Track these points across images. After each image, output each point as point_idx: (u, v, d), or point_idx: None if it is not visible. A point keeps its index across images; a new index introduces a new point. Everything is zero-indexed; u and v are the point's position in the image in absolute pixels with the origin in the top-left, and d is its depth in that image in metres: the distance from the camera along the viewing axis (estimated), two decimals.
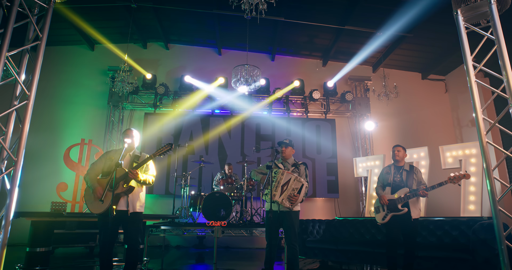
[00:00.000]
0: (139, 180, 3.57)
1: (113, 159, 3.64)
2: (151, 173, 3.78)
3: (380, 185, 4.47)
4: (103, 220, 3.45)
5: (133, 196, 3.62)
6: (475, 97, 3.49)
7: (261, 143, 9.03)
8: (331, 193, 8.99)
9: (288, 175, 4.01)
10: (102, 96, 9.25)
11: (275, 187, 3.95)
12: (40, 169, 8.44)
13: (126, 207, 3.55)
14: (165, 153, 3.66)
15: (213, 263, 5.68)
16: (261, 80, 8.03)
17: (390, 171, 4.40)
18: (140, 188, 3.72)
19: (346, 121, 9.83)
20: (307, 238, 5.81)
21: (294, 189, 3.96)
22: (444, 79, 10.15)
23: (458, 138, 9.51)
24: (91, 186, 3.54)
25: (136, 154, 3.81)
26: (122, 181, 3.48)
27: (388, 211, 4.18)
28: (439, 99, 10.02)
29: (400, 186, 4.24)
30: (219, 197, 6.30)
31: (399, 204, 4.11)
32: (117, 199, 3.49)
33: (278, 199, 3.93)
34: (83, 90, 9.31)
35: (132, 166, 3.63)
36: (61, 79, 9.28)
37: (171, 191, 8.41)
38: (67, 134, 8.88)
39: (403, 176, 4.27)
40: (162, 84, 9.11)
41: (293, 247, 3.98)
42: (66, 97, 9.18)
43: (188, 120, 9.21)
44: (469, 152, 6.18)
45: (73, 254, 6.66)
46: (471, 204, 5.98)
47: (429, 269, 4.30)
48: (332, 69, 9.77)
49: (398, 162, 4.40)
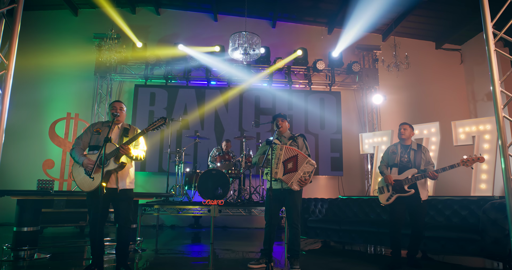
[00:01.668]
0: (131, 156, 3.58)
1: (100, 132, 3.63)
2: (141, 148, 3.79)
3: (385, 165, 4.47)
4: (92, 198, 3.48)
5: (123, 172, 3.64)
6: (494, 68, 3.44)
7: (260, 117, 9.00)
8: (335, 170, 9.07)
9: (289, 150, 4.01)
10: (88, 67, 9.11)
11: (276, 164, 3.95)
12: (25, 146, 8.46)
13: (115, 185, 3.58)
14: (159, 128, 3.64)
15: (210, 243, 5.80)
16: (261, 48, 7.89)
17: (396, 151, 4.38)
18: (130, 163, 3.74)
19: (352, 94, 9.76)
20: (308, 218, 5.91)
21: (306, 172, 3.96)
22: (459, 49, 10.00)
23: (472, 113, 9.49)
24: (80, 162, 3.54)
25: (125, 127, 3.79)
26: (113, 157, 3.48)
27: (394, 192, 4.20)
28: (453, 70, 9.91)
29: (407, 167, 4.23)
30: (216, 174, 6.35)
31: (406, 185, 4.13)
32: (107, 176, 3.51)
33: (281, 177, 3.94)
34: (67, 60, 9.15)
35: (122, 141, 3.62)
36: (42, 48, 9.11)
37: (165, 169, 8.47)
38: (51, 108, 8.83)
39: (411, 156, 4.25)
40: (153, 53, 8.95)
41: (295, 227, 4.04)
42: (49, 68, 9.04)
43: (182, 92, 9.14)
44: (483, 128, 6.18)
45: (63, 234, 6.79)
46: (482, 183, 6.05)
47: (436, 249, 4.40)
48: (338, 37, 9.58)
49: (404, 141, 4.38)
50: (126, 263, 3.62)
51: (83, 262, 4.48)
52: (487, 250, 3.91)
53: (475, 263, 4.64)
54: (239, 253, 5.24)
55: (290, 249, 4.04)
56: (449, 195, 5.84)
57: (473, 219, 4.53)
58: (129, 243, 3.74)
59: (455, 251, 4.21)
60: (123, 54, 8.40)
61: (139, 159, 3.68)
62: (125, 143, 3.53)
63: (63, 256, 4.65)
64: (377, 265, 4.27)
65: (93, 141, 3.66)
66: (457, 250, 4.19)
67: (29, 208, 4.43)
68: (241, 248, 5.77)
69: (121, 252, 3.63)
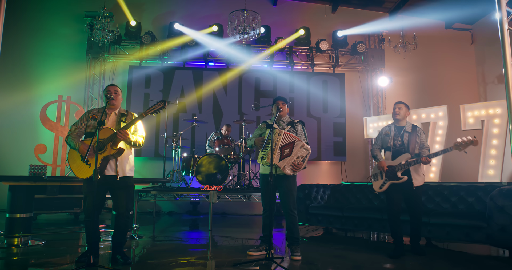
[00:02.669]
0: (129, 142, 3.57)
1: (96, 119, 3.61)
2: (140, 134, 3.78)
3: (378, 148, 4.40)
4: (89, 185, 3.48)
5: (122, 159, 3.64)
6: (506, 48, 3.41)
7: (260, 100, 8.97)
8: (338, 156, 9.10)
9: (287, 136, 3.99)
10: (80, 47, 9.03)
11: (272, 149, 3.93)
12: (15, 130, 8.44)
13: (115, 172, 3.58)
14: (158, 112, 3.63)
15: (208, 230, 5.87)
16: (261, 28, 7.79)
17: (390, 133, 4.30)
18: (129, 150, 3.75)
19: (357, 76, 9.70)
20: (310, 204, 5.96)
21: (300, 157, 3.97)
22: (470, 29, 9.88)
23: (482, 97, 9.45)
24: (76, 148, 3.53)
25: (122, 112, 3.78)
26: (110, 143, 3.47)
27: (387, 179, 4.16)
28: (463, 51, 9.83)
29: (401, 151, 4.16)
30: (214, 159, 6.38)
31: (399, 172, 4.08)
32: (105, 163, 3.52)
33: (277, 163, 3.94)
34: (58, 40, 9.06)
35: (119, 126, 3.61)
36: (31, 28, 8.99)
37: (161, 153, 8.49)
38: (42, 91, 8.76)
39: (405, 139, 4.17)
40: (148, 33, 8.86)
41: (292, 214, 4.07)
42: (39, 49, 8.95)
43: (179, 74, 9.08)
44: (493, 111, 6.16)
45: (57, 220, 6.86)
46: (490, 169, 6.08)
47: (441, 237, 4.45)
48: (342, 16, 9.47)
49: (398, 122, 4.28)
50: (123, 251, 3.67)
51: (78, 249, 4.54)
52: (493, 238, 3.95)
53: (480, 251, 4.70)
54: (238, 240, 5.31)
55: (290, 237, 4.09)
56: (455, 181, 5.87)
57: (480, 206, 4.57)
58: (127, 231, 3.79)
59: (460, 238, 4.26)
60: (116, 33, 8.29)
61: (137, 145, 3.68)
62: (123, 128, 3.52)
63: (58, 243, 4.71)
64: (380, 252, 4.32)
65: (89, 128, 3.63)
66: (462, 238, 4.23)
67: (21, 194, 4.46)
68: (241, 235, 5.84)
69: (118, 240, 3.67)
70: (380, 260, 3.96)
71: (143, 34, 8.88)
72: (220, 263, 3.78)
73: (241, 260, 3.76)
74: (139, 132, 3.78)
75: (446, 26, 9.90)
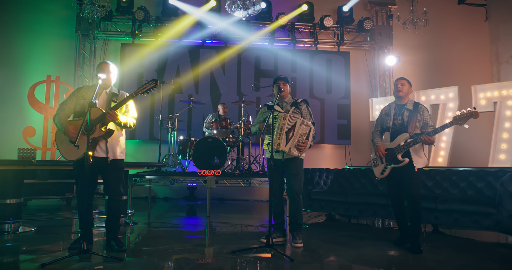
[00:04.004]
0: (118, 123, 3.56)
1: (86, 97, 3.59)
2: (131, 115, 3.77)
3: (378, 130, 4.26)
4: (79, 168, 3.51)
5: (113, 141, 3.64)
6: None
7: (261, 80, 8.91)
8: (342, 139, 9.11)
9: (292, 118, 3.96)
10: (68, 23, 8.90)
11: (278, 135, 3.91)
12: (2, 112, 8.41)
13: (105, 154, 3.59)
14: (149, 91, 3.61)
15: (206, 216, 5.93)
16: (262, 3, 7.68)
17: (389, 112, 4.15)
18: (120, 132, 3.74)
19: (363, 54, 9.63)
20: (312, 189, 6.00)
21: (302, 135, 3.94)
22: (485, 4, 9.73)
23: (495, 77, 9.39)
24: (62, 128, 3.53)
25: (114, 92, 3.76)
26: (99, 124, 3.47)
27: (387, 164, 4.01)
28: (476, 29, 9.70)
29: (400, 131, 3.96)
30: (212, 142, 6.38)
31: (399, 154, 3.90)
32: (94, 144, 3.51)
33: (284, 148, 3.90)
34: (45, 15, 8.93)
35: (110, 106, 3.59)
36: (16, 2, 8.85)
37: (156, 136, 8.50)
38: (29, 70, 8.70)
39: (405, 118, 3.97)
40: (140, 8, 8.73)
41: (296, 200, 4.10)
42: (25, 25, 8.83)
43: (174, 52, 8.99)
44: (507, 93, 6.14)
45: (49, 206, 6.92)
46: (501, 153, 6.10)
47: (448, 223, 4.50)
48: None
49: (400, 99, 4.09)
50: (117, 237, 3.71)
51: (71, 235, 4.59)
52: (503, 224, 4.00)
53: (489, 238, 4.77)
54: (237, 226, 5.37)
55: (292, 223, 4.12)
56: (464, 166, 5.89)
57: (489, 192, 4.59)
58: (120, 216, 3.81)
59: (468, 225, 4.30)
60: (107, 9, 8.16)
61: (128, 126, 3.66)
62: (112, 108, 3.50)
63: (50, 229, 4.75)
64: (384, 239, 4.37)
65: (79, 106, 3.61)
66: (471, 224, 4.28)
67: (10, 179, 4.47)
68: (240, 221, 5.90)
69: (112, 226, 3.70)
70: (385, 247, 4.01)
71: (136, 9, 8.74)
72: (219, 250, 3.83)
73: (240, 247, 3.81)
74: (131, 113, 3.77)
75: (459, 1, 9.75)
